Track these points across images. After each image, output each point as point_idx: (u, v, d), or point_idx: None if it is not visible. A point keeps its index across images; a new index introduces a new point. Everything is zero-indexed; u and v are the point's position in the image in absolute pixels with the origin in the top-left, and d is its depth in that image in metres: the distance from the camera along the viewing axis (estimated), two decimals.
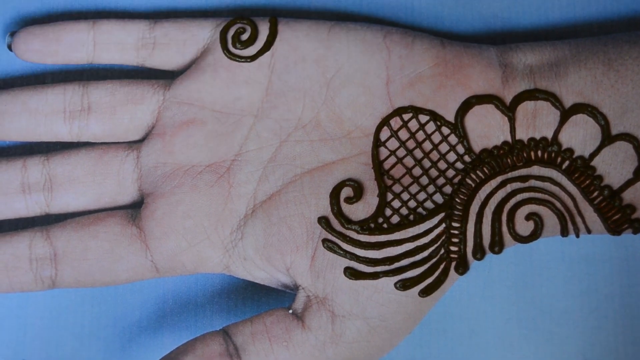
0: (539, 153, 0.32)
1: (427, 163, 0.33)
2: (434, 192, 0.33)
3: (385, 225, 0.32)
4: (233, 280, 0.36)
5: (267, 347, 0.32)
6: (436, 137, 0.33)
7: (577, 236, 0.33)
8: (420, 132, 0.33)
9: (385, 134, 0.33)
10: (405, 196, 0.33)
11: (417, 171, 0.33)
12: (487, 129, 0.32)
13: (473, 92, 0.33)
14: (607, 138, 0.32)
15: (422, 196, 0.33)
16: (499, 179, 0.33)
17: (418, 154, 0.33)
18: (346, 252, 0.32)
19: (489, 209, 0.32)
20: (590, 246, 0.36)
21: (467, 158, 0.33)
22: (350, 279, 0.32)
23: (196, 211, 0.33)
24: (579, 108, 0.32)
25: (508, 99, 0.32)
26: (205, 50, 0.34)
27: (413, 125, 0.33)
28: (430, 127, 0.33)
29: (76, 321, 0.36)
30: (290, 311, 0.33)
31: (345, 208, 0.33)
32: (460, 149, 0.33)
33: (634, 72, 0.32)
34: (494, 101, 0.32)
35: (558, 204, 0.32)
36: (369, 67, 0.33)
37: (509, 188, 0.33)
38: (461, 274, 0.32)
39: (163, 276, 0.34)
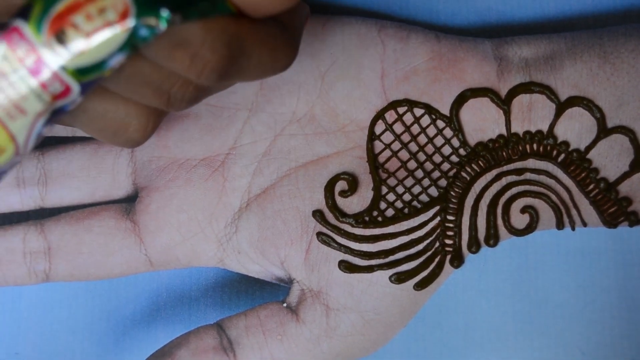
0: (535, 146, 0.32)
1: (422, 156, 0.33)
2: (429, 186, 0.33)
3: (379, 219, 0.32)
4: (227, 274, 0.36)
5: (261, 340, 0.32)
6: (431, 131, 0.33)
7: (573, 229, 0.33)
8: (415, 125, 0.33)
9: (380, 127, 0.33)
10: (400, 189, 0.33)
11: (412, 164, 0.33)
12: (482, 122, 0.32)
13: (468, 85, 0.33)
14: (603, 131, 0.32)
15: (417, 189, 0.33)
16: (494, 172, 0.33)
17: (413, 147, 0.33)
18: (341, 245, 0.32)
19: (484, 202, 0.32)
20: (586, 239, 0.36)
21: (462, 151, 0.33)
22: (344, 272, 0.32)
23: (190, 205, 0.33)
24: (575, 101, 0.32)
25: (503, 92, 0.32)
26: None
27: (408, 118, 0.33)
28: (425, 120, 0.33)
29: (70, 315, 0.36)
30: (285, 305, 0.33)
31: (340, 201, 0.33)
32: (456, 142, 0.33)
33: (630, 65, 0.32)
34: (489, 94, 0.32)
35: (554, 197, 0.32)
36: (363, 60, 0.33)
37: (504, 181, 0.32)
38: (456, 267, 0.32)
39: (157, 270, 0.34)
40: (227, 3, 0.24)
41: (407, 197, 0.32)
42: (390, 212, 0.32)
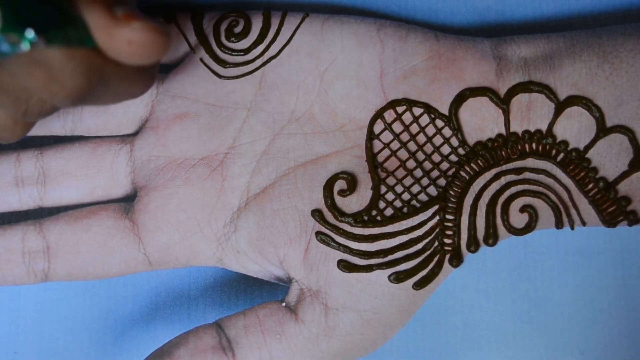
0: (534, 145, 0.32)
1: (421, 155, 0.33)
2: (428, 185, 0.33)
3: (378, 218, 0.32)
4: (226, 273, 0.36)
5: (260, 340, 0.32)
6: (430, 130, 0.33)
7: (572, 228, 0.33)
8: (414, 124, 0.33)
9: (379, 126, 0.33)
10: (399, 189, 0.33)
11: (411, 164, 0.33)
12: (481, 121, 0.32)
13: (467, 84, 0.33)
14: (602, 130, 0.32)
15: (416, 189, 0.32)
16: (493, 171, 0.32)
17: (412, 146, 0.33)
18: (339, 244, 0.32)
19: (483, 202, 0.32)
20: (584, 238, 0.36)
21: (461, 150, 0.33)
22: (343, 271, 0.32)
23: (189, 204, 0.33)
24: (574, 100, 0.32)
25: (502, 91, 0.32)
26: (198, 43, 0.34)
27: (407, 118, 0.33)
28: (424, 119, 0.33)
29: (68, 314, 0.36)
30: (284, 304, 0.33)
31: (339, 201, 0.33)
32: (455, 141, 0.33)
33: (629, 64, 0.32)
34: (488, 94, 0.32)
35: (552, 196, 0.32)
36: (362, 59, 0.33)
37: (503, 180, 0.32)
38: (455, 266, 0.32)
39: (156, 269, 0.34)
40: (94, 39, 0.25)
41: (406, 196, 0.32)
42: (389, 212, 0.32)
